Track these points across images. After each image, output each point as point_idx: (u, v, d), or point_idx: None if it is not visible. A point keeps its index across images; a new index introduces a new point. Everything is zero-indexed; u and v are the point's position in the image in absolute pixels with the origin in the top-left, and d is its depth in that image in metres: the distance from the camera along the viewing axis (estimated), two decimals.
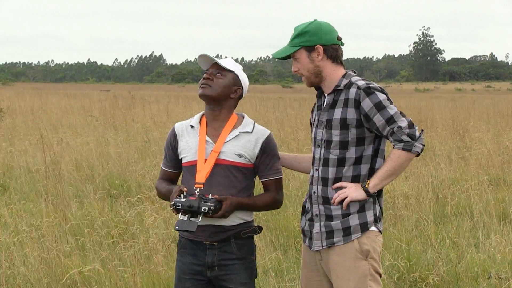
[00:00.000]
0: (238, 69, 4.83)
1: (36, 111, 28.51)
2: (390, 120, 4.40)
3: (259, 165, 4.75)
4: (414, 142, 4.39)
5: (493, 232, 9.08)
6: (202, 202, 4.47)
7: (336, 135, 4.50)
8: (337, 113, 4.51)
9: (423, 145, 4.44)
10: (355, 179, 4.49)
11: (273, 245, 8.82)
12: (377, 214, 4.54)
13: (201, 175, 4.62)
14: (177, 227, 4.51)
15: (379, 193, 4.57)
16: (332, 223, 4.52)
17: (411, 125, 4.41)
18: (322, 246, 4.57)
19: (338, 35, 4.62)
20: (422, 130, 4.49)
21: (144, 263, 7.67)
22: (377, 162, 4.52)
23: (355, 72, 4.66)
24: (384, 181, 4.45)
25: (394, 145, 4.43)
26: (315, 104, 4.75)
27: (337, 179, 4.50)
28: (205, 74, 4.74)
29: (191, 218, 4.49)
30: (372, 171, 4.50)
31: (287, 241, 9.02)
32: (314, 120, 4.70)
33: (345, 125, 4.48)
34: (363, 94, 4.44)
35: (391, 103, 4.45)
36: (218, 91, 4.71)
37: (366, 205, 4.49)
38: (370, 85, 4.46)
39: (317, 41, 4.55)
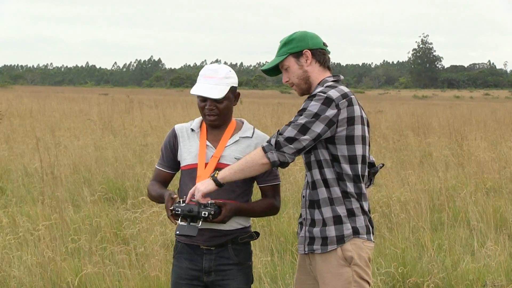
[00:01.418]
0: (230, 79, 4.76)
1: (34, 114, 28.52)
2: (289, 123, 4.40)
3: None
4: (274, 149, 4.35)
5: (489, 240, 9.08)
6: (202, 207, 4.47)
7: None
8: None
9: (280, 161, 4.36)
10: (324, 182, 4.48)
11: (270, 250, 8.82)
12: (359, 226, 4.51)
13: (202, 180, 4.62)
14: (177, 232, 4.52)
15: (362, 198, 4.57)
16: (314, 229, 4.53)
17: (290, 140, 4.35)
18: (305, 251, 4.60)
19: (323, 42, 4.64)
20: (292, 156, 4.39)
21: (140, 267, 7.67)
22: (342, 167, 4.47)
23: (335, 78, 4.63)
24: (234, 173, 4.42)
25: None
26: None
27: (313, 183, 4.52)
28: (207, 105, 4.71)
29: (191, 223, 4.50)
30: (339, 176, 4.49)
31: (284, 246, 9.03)
32: None
33: None
34: (307, 98, 4.47)
35: (314, 116, 4.37)
36: (225, 115, 4.76)
37: (343, 217, 4.48)
38: (320, 93, 4.42)
39: (304, 46, 4.56)
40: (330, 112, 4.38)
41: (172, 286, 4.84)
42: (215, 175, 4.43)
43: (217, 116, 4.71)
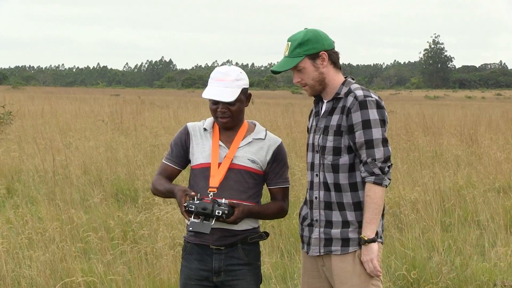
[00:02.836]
0: (241, 81, 4.77)
1: (46, 115, 28.59)
2: (369, 143, 4.42)
3: (269, 172, 4.79)
4: (384, 176, 4.42)
5: (499, 240, 9.06)
6: (216, 206, 4.50)
7: (330, 141, 4.52)
8: (334, 119, 4.52)
9: (390, 179, 4.47)
10: (352, 187, 4.49)
11: (280, 250, 8.82)
12: (378, 231, 4.53)
13: (215, 180, 4.66)
14: (190, 228, 4.53)
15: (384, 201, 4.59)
16: (331, 230, 4.53)
17: (386, 159, 4.43)
18: (320, 253, 4.59)
19: (332, 40, 4.65)
20: (391, 164, 4.49)
21: (149, 268, 7.68)
22: None
23: (353, 79, 4.66)
24: (376, 221, 4.45)
25: (364, 177, 4.44)
26: (312, 110, 4.78)
27: (336, 185, 4.51)
28: (219, 108, 4.72)
29: (204, 221, 4.52)
30: None
31: (294, 247, 9.02)
32: (311, 126, 4.72)
33: (339, 132, 4.49)
34: (357, 105, 4.44)
35: (382, 124, 4.45)
36: (238, 117, 4.77)
37: None
38: (368, 98, 4.45)
39: (320, 48, 4.54)
40: (385, 114, 4.50)
41: (181, 287, 4.84)
42: (365, 239, 4.43)
43: (230, 118, 4.72)
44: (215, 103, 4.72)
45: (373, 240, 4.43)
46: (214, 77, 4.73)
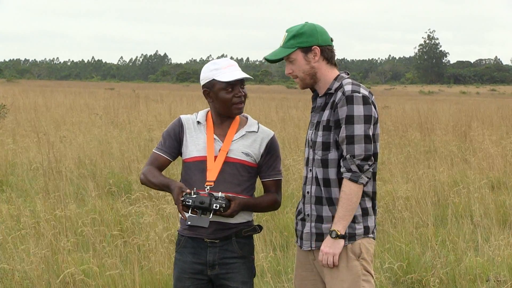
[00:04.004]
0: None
1: (40, 108, 28.55)
2: (349, 139, 4.41)
3: (262, 165, 4.82)
4: (361, 174, 4.40)
5: (492, 236, 9.08)
6: (214, 199, 4.52)
7: (320, 136, 4.53)
8: (325, 115, 4.53)
9: (369, 178, 4.44)
10: (340, 182, 4.49)
11: (272, 245, 8.82)
12: (370, 226, 4.56)
13: (212, 173, 4.67)
14: (188, 222, 4.55)
15: (375, 197, 4.59)
16: (322, 225, 4.54)
17: (366, 157, 4.41)
18: (311, 247, 4.60)
19: (330, 37, 4.64)
20: (373, 163, 4.47)
21: (144, 261, 7.68)
22: None
23: (348, 74, 4.66)
24: (348, 218, 4.44)
25: (342, 173, 4.44)
26: None
27: (326, 180, 4.52)
28: (236, 93, 4.72)
29: (201, 215, 4.52)
30: None
31: (287, 241, 9.03)
32: (309, 121, 4.74)
33: (328, 127, 4.50)
34: (343, 100, 4.43)
35: (366, 120, 4.42)
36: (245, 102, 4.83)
37: (357, 216, 4.51)
38: (355, 93, 4.43)
39: (314, 42, 4.55)
40: (372, 110, 4.46)
41: (175, 280, 4.85)
42: (338, 233, 4.43)
43: (244, 102, 4.77)
44: (230, 91, 4.71)
45: (343, 237, 4.43)
46: (221, 65, 4.75)
